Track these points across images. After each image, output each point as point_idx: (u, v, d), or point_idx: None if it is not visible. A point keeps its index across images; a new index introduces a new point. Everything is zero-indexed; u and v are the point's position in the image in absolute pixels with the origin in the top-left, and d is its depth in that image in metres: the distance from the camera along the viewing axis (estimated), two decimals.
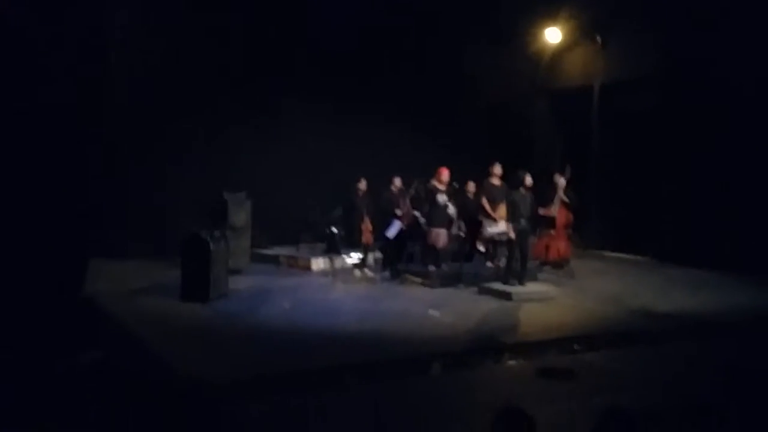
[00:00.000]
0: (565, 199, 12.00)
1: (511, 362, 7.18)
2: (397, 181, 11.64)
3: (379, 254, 11.80)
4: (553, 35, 15.18)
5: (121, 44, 11.84)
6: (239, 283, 10.19)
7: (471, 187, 11.95)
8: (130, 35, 11.93)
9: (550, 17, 14.94)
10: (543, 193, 11.77)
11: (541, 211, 11.71)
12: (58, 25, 9.44)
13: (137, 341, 7.49)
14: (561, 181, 11.98)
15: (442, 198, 10.91)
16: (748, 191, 11.82)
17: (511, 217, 10.37)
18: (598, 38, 14.64)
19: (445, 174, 10.96)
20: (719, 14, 12.13)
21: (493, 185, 11.17)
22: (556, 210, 11.89)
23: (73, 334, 7.48)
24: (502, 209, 10.89)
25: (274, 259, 12.46)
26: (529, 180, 10.41)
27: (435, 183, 10.95)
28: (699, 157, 12.70)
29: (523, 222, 10.28)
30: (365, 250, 11.39)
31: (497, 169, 11.14)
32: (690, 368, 6.82)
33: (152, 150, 12.20)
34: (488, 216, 11.12)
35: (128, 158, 12.09)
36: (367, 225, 11.22)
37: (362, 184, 11.69)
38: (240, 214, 11.27)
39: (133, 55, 12.02)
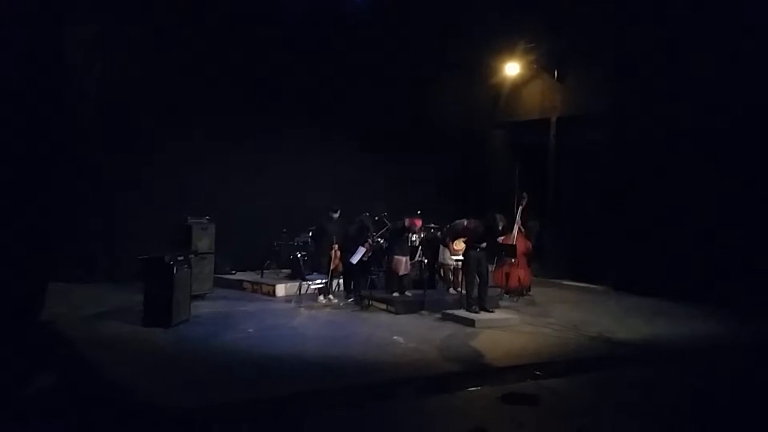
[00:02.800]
0: (521, 228, 12.27)
1: (476, 388, 7.26)
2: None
3: (342, 280, 11.84)
4: (511, 69, 15.60)
5: (82, 65, 11.74)
6: (202, 308, 10.13)
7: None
8: (92, 55, 11.85)
9: (509, 51, 15.38)
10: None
11: (500, 239, 11.93)
12: (18, 41, 9.29)
13: (96, 366, 7.35)
14: (518, 210, 12.27)
15: (412, 238, 11.25)
16: (702, 222, 12.26)
17: (466, 245, 10.59)
18: (555, 72, 15.09)
19: (418, 225, 11.43)
20: (671, 52, 12.70)
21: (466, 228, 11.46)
22: (514, 238, 12.13)
23: (30, 359, 7.32)
24: (458, 244, 11.19)
25: (238, 284, 12.38)
26: (501, 223, 10.71)
27: (406, 222, 11.25)
28: (653, 188, 13.14)
29: (478, 250, 10.46)
30: (331, 276, 11.42)
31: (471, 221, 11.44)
32: (649, 392, 7.02)
33: (114, 173, 12.09)
34: (448, 245, 11.43)
35: (89, 181, 11.92)
36: (336, 251, 11.27)
37: (335, 213, 11.70)
38: (204, 239, 11.21)
39: (93, 75, 11.93)
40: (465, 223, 11.12)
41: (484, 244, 10.52)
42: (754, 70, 11.39)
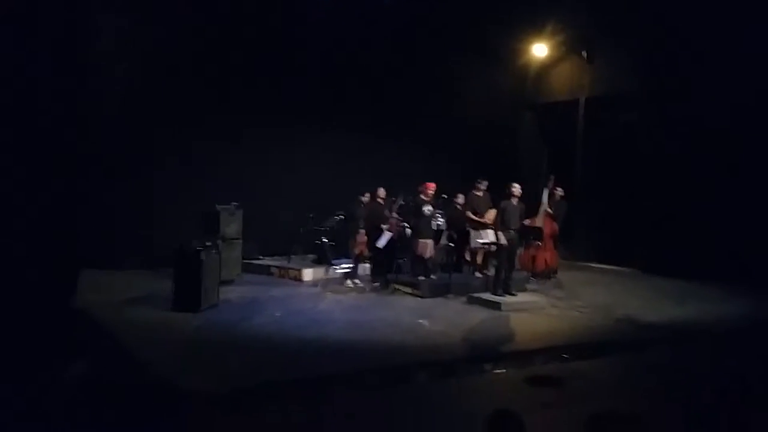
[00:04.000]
0: (549, 210, 12.18)
1: (501, 371, 7.28)
2: (381, 192, 11.74)
3: (369, 264, 11.90)
4: (539, 50, 15.43)
5: (105, 57, 11.93)
6: (230, 293, 10.26)
7: (460, 199, 12.12)
8: (116, 47, 12.03)
9: (536, 33, 15.21)
10: (528, 205, 11.94)
11: (527, 222, 11.87)
12: (36, 39, 9.46)
13: (128, 351, 7.52)
14: (545, 193, 12.18)
15: (427, 208, 11.10)
16: (731, 204, 12.06)
17: (501, 226, 10.52)
18: (584, 53, 14.89)
19: (430, 188, 11.23)
20: (700, 33, 12.44)
21: (476, 196, 11.50)
22: (541, 221, 12.05)
23: (65, 345, 7.50)
24: (489, 215, 11.12)
25: (266, 270, 12.52)
26: (516, 190, 10.54)
27: (421, 196, 11.16)
28: (682, 170, 12.94)
29: (512, 232, 10.42)
30: (356, 260, 11.48)
31: (482, 183, 11.56)
32: (676, 375, 6.96)
33: (143, 161, 12.26)
34: (474, 226, 11.37)
35: (118, 169, 12.12)
36: (362, 236, 11.32)
37: (365, 197, 11.74)
38: (232, 225, 11.34)
39: (119, 66, 12.10)
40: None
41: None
42: None
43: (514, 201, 10.48)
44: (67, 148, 10.84)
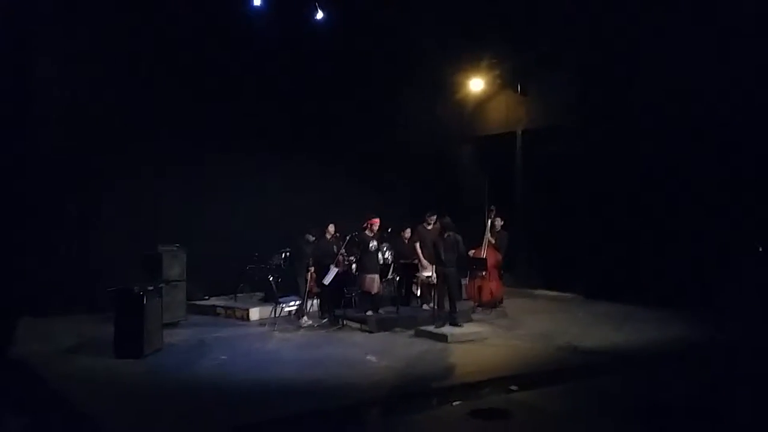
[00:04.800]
0: (492, 240, 12.46)
1: (445, 405, 7.36)
2: (332, 228, 11.82)
3: (317, 301, 11.91)
4: (476, 84, 15.87)
5: (44, 92, 11.78)
6: (175, 337, 10.13)
7: (406, 233, 12.29)
8: (55, 81, 11.88)
9: (473, 67, 15.65)
10: (471, 236, 12.20)
11: (471, 253, 12.12)
12: None
13: (70, 405, 7.32)
14: (488, 223, 12.47)
15: (372, 245, 11.28)
16: (665, 229, 12.54)
17: (436, 261, 10.71)
18: (518, 87, 15.37)
19: (375, 223, 11.45)
20: (631, 63, 13.03)
21: (425, 230, 11.63)
22: (485, 251, 12.31)
23: (2, 398, 7.29)
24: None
25: (212, 310, 12.39)
26: (448, 222, 10.75)
27: (366, 232, 11.31)
28: (618, 196, 13.41)
29: (449, 265, 10.59)
30: (306, 297, 11.48)
31: (431, 217, 11.68)
32: (615, 403, 7.18)
33: (79, 201, 12.09)
34: (420, 260, 11.56)
35: (55, 212, 11.90)
36: (312, 273, 11.36)
37: (311, 235, 11.77)
38: (175, 267, 11.21)
39: (56, 106, 11.94)
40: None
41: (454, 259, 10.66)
42: (715, 80, 11.69)
43: (452, 234, 10.65)
44: (1, 191, 10.63)
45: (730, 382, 7.72)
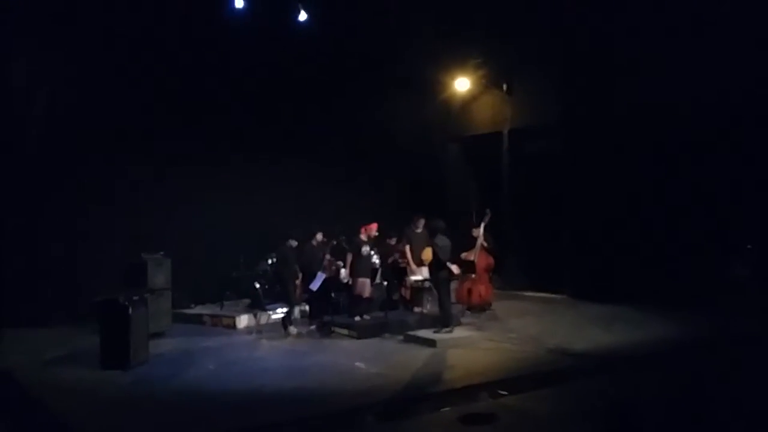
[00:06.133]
0: (484, 243, 12.41)
1: (435, 411, 7.31)
2: (319, 236, 11.72)
3: (305, 307, 11.82)
4: (461, 84, 15.79)
5: (27, 103, 11.65)
6: (161, 347, 10.03)
7: (393, 240, 12.24)
8: (39, 93, 11.76)
9: (458, 67, 15.59)
10: (462, 238, 12.16)
11: (462, 256, 12.07)
12: None
13: (56, 417, 7.22)
14: (481, 227, 12.41)
15: (365, 249, 11.20)
16: (654, 228, 12.55)
17: (436, 265, 10.64)
18: (504, 86, 15.33)
19: (373, 229, 11.40)
20: (616, 61, 13.04)
21: (414, 233, 11.58)
22: (476, 255, 12.25)
23: None
24: (426, 254, 11.23)
25: (198, 319, 12.27)
26: (439, 226, 10.72)
27: (361, 236, 11.23)
28: (604, 196, 13.41)
29: (443, 270, 10.55)
30: (292, 304, 11.38)
31: (419, 220, 11.63)
32: (602, 405, 7.14)
33: (64, 210, 11.93)
34: (409, 263, 11.49)
35: (38, 221, 11.77)
36: (299, 279, 11.27)
37: (296, 242, 11.68)
38: (159, 276, 11.07)
39: (37, 109, 11.83)
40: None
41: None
42: (701, 77, 11.71)
43: (443, 237, 10.61)
44: None
45: (719, 383, 7.70)
